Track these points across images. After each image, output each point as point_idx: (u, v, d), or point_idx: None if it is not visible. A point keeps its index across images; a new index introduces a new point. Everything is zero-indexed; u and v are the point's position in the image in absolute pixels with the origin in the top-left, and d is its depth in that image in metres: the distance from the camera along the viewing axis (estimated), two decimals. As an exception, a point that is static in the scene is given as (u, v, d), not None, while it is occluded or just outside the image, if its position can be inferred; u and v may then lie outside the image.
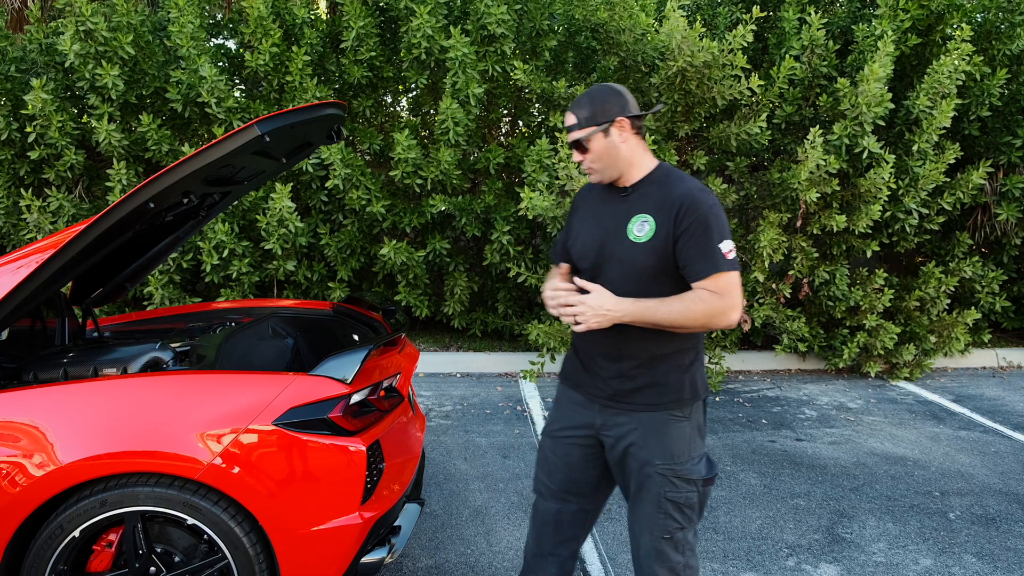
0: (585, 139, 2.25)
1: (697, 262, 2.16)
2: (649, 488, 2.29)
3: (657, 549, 2.31)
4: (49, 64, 6.25)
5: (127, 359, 2.88)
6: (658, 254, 2.21)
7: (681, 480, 2.28)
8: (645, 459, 2.28)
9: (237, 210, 6.24)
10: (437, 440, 4.88)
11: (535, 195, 5.67)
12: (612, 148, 2.25)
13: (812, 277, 6.32)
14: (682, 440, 2.29)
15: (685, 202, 2.18)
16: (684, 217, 2.17)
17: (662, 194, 2.24)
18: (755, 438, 5.08)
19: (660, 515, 2.29)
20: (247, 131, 2.52)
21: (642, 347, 2.27)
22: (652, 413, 2.29)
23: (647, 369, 2.28)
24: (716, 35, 6.92)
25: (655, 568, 2.32)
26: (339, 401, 2.55)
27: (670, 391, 2.29)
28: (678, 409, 2.29)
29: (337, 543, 2.53)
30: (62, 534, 2.42)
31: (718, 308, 2.13)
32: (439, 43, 6.00)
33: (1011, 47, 6.42)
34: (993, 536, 3.78)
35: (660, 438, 2.27)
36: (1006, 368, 7.15)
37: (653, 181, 2.29)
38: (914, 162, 6.07)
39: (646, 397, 2.29)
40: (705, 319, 2.13)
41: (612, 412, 2.34)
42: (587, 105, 2.25)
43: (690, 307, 2.13)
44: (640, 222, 2.24)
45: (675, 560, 2.32)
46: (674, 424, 2.28)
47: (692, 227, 2.16)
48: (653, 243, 2.21)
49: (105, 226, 2.52)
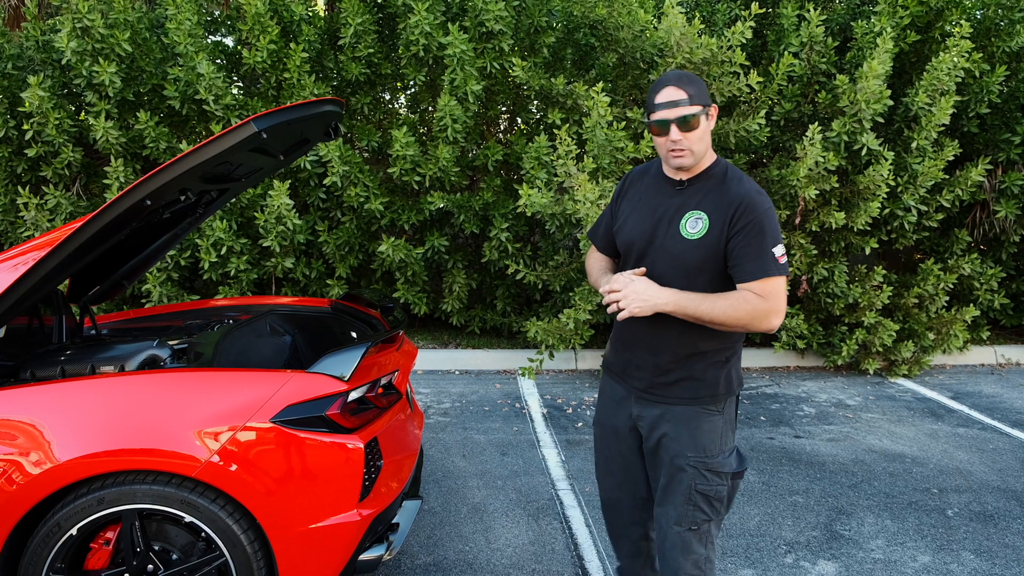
0: (694, 117, 2.18)
1: (748, 262, 2.17)
2: (680, 480, 2.31)
3: (683, 540, 2.34)
4: (46, 61, 6.24)
5: (124, 357, 2.87)
6: (709, 251, 2.21)
7: (712, 473, 2.30)
8: (677, 451, 2.31)
9: (235, 207, 6.24)
10: (435, 437, 4.88)
11: (533, 192, 5.66)
12: (707, 133, 2.23)
13: (811, 274, 6.32)
14: (714, 434, 2.31)
15: (742, 203, 2.19)
16: (740, 218, 2.18)
17: (719, 192, 2.24)
18: (754, 435, 5.08)
19: (690, 507, 2.32)
20: (244, 128, 2.51)
21: (681, 342, 2.28)
22: (686, 407, 2.31)
23: (685, 364, 2.30)
24: (715, 32, 6.92)
25: (679, 559, 2.35)
26: (337, 398, 2.54)
27: (706, 386, 2.30)
28: (712, 404, 2.31)
29: (335, 540, 2.53)
30: (59, 532, 2.42)
31: (762, 311, 2.14)
32: (437, 40, 5.99)
33: (1010, 44, 6.41)
34: (991, 533, 3.78)
35: (692, 431, 2.30)
36: (1004, 365, 7.15)
37: (712, 176, 2.29)
38: (913, 159, 6.07)
39: (681, 391, 2.31)
40: (748, 320, 2.15)
41: (647, 403, 2.37)
42: (694, 83, 2.20)
43: (735, 306, 2.14)
44: (694, 219, 2.24)
45: (698, 552, 2.34)
46: (706, 418, 2.30)
47: (747, 228, 2.17)
48: (705, 240, 2.21)
49: (102, 223, 2.52)
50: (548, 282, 6.28)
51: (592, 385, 6.19)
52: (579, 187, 5.36)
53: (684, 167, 2.27)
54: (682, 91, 2.17)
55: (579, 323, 5.69)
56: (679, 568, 2.35)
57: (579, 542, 3.60)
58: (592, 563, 3.42)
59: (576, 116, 6.31)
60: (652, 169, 2.44)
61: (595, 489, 4.17)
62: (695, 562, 2.34)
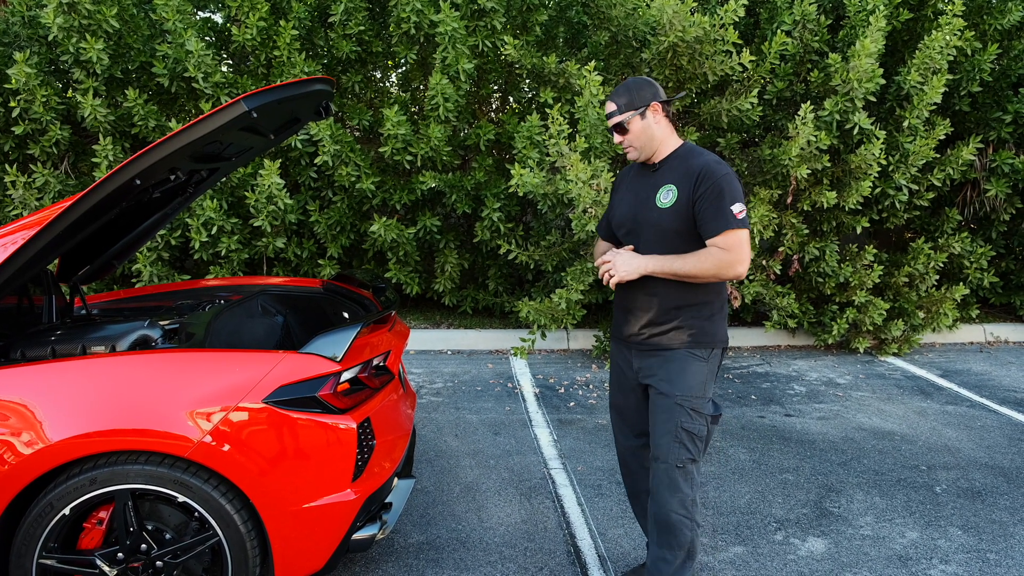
0: (626, 122, 2.63)
1: (710, 221, 2.52)
2: (669, 419, 2.63)
3: (671, 477, 2.62)
4: (32, 37, 6.16)
5: (116, 337, 2.86)
6: (680, 216, 2.57)
7: (696, 412, 2.62)
8: (667, 391, 2.63)
9: (225, 187, 6.20)
10: (428, 417, 4.89)
11: (525, 172, 5.64)
12: (648, 129, 2.64)
13: (802, 253, 6.34)
14: (699, 377, 2.64)
15: (703, 171, 2.55)
16: (701, 183, 2.53)
17: (684, 166, 2.61)
18: (744, 414, 5.11)
19: (676, 443, 2.62)
20: (234, 107, 2.49)
21: (668, 296, 2.63)
22: (675, 351, 2.65)
23: (674, 314, 2.64)
24: (707, 10, 6.87)
25: (667, 496, 2.63)
26: (329, 379, 2.55)
27: (694, 334, 2.64)
28: (698, 349, 2.64)
29: (329, 520, 2.54)
30: (52, 512, 2.42)
31: (726, 261, 2.50)
32: (428, 17, 5.94)
33: (1002, 22, 6.40)
34: (979, 509, 3.82)
35: (681, 373, 2.63)
36: (993, 343, 7.20)
37: (678, 156, 2.67)
38: (904, 138, 6.07)
39: (672, 338, 2.65)
40: (716, 270, 2.51)
41: (644, 354, 2.71)
42: (624, 93, 2.64)
43: (703, 259, 2.51)
44: (666, 191, 2.62)
45: (686, 492, 2.63)
46: (694, 362, 2.63)
47: (707, 192, 2.52)
48: (676, 207, 2.58)
49: (91, 203, 2.50)
50: (540, 262, 6.28)
51: (584, 365, 6.20)
52: (571, 167, 5.34)
53: (635, 159, 2.72)
54: (612, 103, 2.66)
55: (571, 303, 5.69)
56: (665, 504, 2.64)
57: (571, 520, 3.63)
58: (584, 541, 3.44)
59: (568, 95, 6.28)
60: (636, 164, 2.83)
61: (587, 468, 4.20)
62: (681, 501, 2.63)
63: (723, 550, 3.39)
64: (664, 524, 2.64)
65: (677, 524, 2.63)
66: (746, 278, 6.26)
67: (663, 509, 2.63)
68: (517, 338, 6.49)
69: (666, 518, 2.63)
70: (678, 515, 2.62)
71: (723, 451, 4.48)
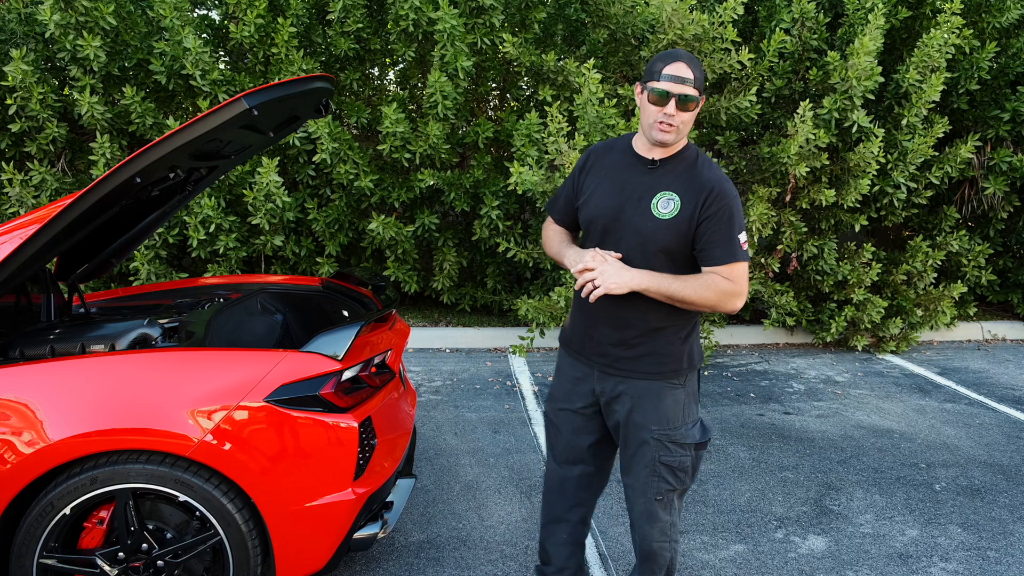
0: (693, 100, 2.24)
1: (717, 248, 2.26)
2: (644, 453, 2.42)
3: (649, 510, 2.48)
4: (29, 34, 6.12)
5: (115, 335, 2.85)
6: (679, 232, 2.28)
7: (675, 444, 2.41)
8: (641, 424, 2.40)
9: (223, 185, 6.18)
10: (427, 415, 4.89)
11: (524, 170, 5.63)
12: (693, 118, 2.29)
13: (801, 251, 6.34)
14: (676, 406, 2.41)
15: (715, 189, 2.27)
16: (712, 203, 2.25)
17: (691, 175, 2.31)
18: (744, 412, 5.11)
19: (654, 478, 2.43)
20: (235, 104, 2.48)
21: (645, 318, 2.35)
22: (650, 381, 2.39)
23: (649, 339, 2.37)
24: (706, 7, 6.86)
25: (646, 528, 2.50)
26: (331, 378, 2.54)
27: (669, 361, 2.39)
28: (675, 378, 2.40)
29: (330, 519, 2.53)
30: (53, 511, 2.41)
31: (730, 293, 2.26)
32: (427, 15, 5.92)
33: (1000, 20, 6.40)
34: (978, 507, 3.83)
35: (656, 405, 2.39)
36: (991, 341, 7.21)
37: (683, 160, 2.35)
38: (903, 136, 6.07)
39: (645, 366, 2.39)
40: (715, 301, 2.26)
41: (611, 379, 2.44)
42: (701, 69, 2.26)
43: (705, 288, 2.24)
44: (666, 199, 2.30)
45: (664, 520, 2.49)
46: (669, 391, 2.40)
47: (718, 214, 2.25)
48: (676, 221, 2.28)
49: (91, 200, 2.49)
50: (539, 260, 6.27)
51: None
52: (570, 164, 5.33)
53: (666, 143, 2.30)
54: (691, 71, 2.23)
55: (570, 301, 5.68)
56: (647, 535, 2.51)
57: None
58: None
59: (567, 93, 6.27)
60: (619, 146, 2.46)
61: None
62: (661, 529, 2.50)
63: (724, 548, 3.39)
64: (647, 553, 2.55)
65: (658, 551, 2.54)
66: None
67: (645, 540, 2.53)
68: (516, 336, 6.48)
69: (648, 548, 2.54)
70: (659, 543, 2.53)
71: (723, 449, 4.48)
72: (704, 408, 5.15)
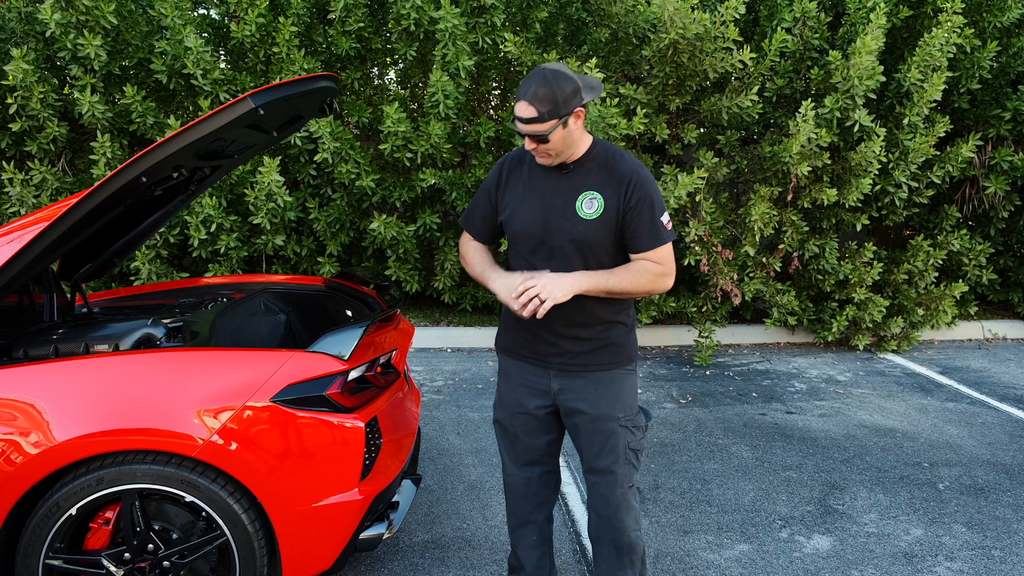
0: (546, 134, 2.20)
1: (643, 236, 2.33)
2: (615, 443, 2.47)
3: (625, 500, 2.52)
4: (29, 33, 6.11)
5: (119, 336, 2.84)
6: (609, 228, 2.33)
7: (637, 429, 2.51)
8: (608, 415, 2.45)
9: (225, 184, 6.17)
10: (430, 415, 4.88)
11: (526, 169, 5.62)
12: (569, 136, 2.26)
13: (802, 251, 6.34)
14: (632, 392, 2.51)
15: (632, 179, 2.32)
16: (632, 193, 2.31)
17: (606, 171, 2.35)
18: (746, 411, 5.11)
19: (626, 465, 2.50)
20: (241, 104, 2.47)
21: (595, 313, 2.41)
22: (609, 371, 2.46)
23: (602, 332, 2.44)
24: (708, 7, 6.86)
25: (624, 518, 2.53)
26: (337, 378, 2.53)
27: (623, 350, 2.48)
28: (629, 364, 2.50)
29: (336, 519, 2.53)
30: (59, 512, 2.40)
31: (659, 275, 2.35)
32: (428, 14, 5.91)
33: (1001, 19, 6.41)
34: (982, 506, 3.83)
35: (618, 394, 2.46)
36: (992, 340, 7.22)
37: (594, 157, 2.38)
38: (904, 135, 6.07)
39: (603, 357, 2.45)
40: (650, 286, 2.35)
41: (568, 376, 2.47)
42: (548, 99, 2.17)
43: (636, 275, 2.33)
44: (589, 199, 2.34)
45: (635, 507, 2.56)
46: (627, 379, 2.49)
47: (639, 203, 2.31)
48: (604, 218, 2.33)
49: (97, 200, 2.48)
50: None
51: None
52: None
53: (549, 165, 2.36)
54: (533, 109, 2.18)
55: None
56: (624, 527, 2.54)
57: (576, 518, 3.62)
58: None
59: (568, 92, 6.25)
60: (530, 156, 2.44)
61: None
62: (635, 518, 2.56)
63: (729, 548, 3.39)
64: (625, 546, 2.56)
65: (635, 540, 2.57)
66: (746, 275, 6.26)
67: (622, 531, 2.54)
68: (517, 336, 6.47)
69: (627, 540, 2.55)
70: (634, 532, 2.56)
71: (726, 448, 4.48)
72: (706, 407, 5.15)
